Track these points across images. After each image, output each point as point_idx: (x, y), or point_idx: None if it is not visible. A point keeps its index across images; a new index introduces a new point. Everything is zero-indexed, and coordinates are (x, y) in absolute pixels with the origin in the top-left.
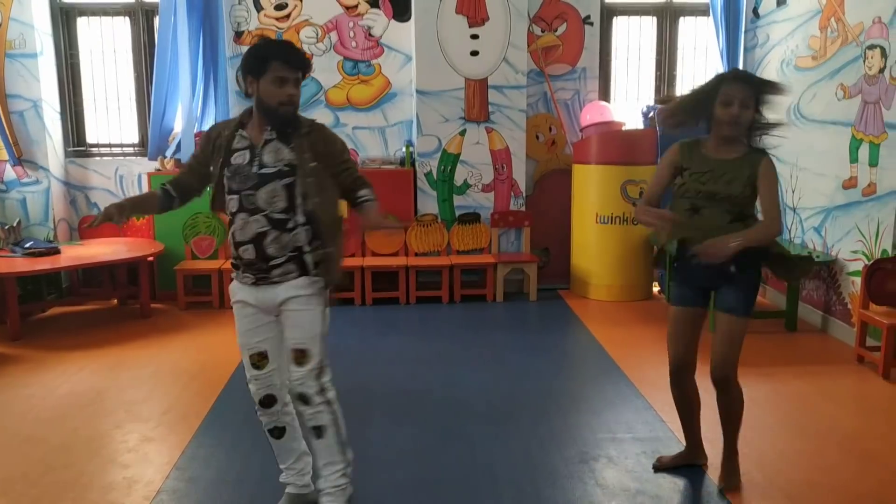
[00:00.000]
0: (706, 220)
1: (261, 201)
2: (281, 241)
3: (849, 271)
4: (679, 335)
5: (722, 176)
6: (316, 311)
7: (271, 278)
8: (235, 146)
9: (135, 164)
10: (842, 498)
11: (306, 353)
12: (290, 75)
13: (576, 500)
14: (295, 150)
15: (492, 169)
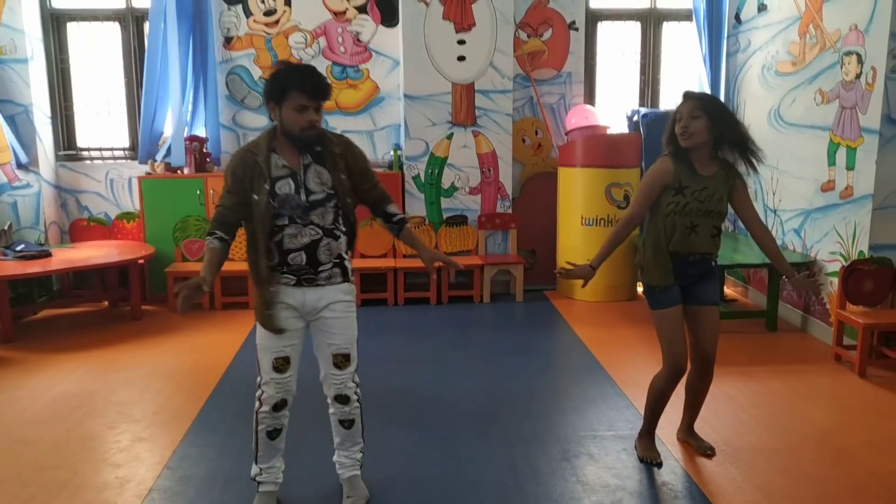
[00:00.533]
0: (700, 237)
1: (314, 218)
2: (331, 248)
3: (827, 272)
4: (680, 334)
5: (714, 193)
6: (353, 316)
7: (318, 280)
8: (276, 174)
9: (125, 167)
10: (816, 494)
11: (349, 357)
12: (311, 103)
13: (557, 496)
14: (331, 171)
15: (479, 172)
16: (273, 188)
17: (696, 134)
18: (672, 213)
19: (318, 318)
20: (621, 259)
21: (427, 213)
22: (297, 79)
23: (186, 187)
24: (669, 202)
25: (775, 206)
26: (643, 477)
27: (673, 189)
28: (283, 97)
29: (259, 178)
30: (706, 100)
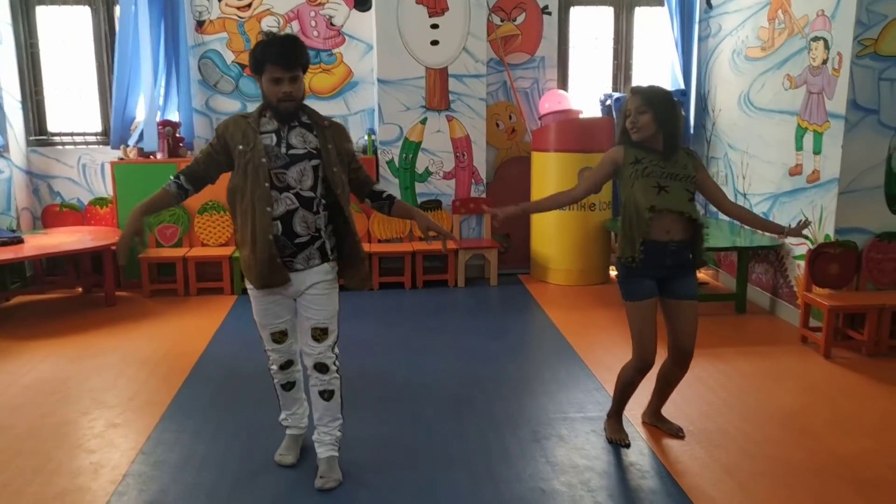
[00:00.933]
0: (674, 196)
1: (291, 179)
2: (307, 221)
3: (795, 255)
4: (651, 328)
5: (675, 162)
6: (334, 293)
7: (295, 263)
8: (262, 129)
9: (98, 152)
10: (778, 470)
11: (326, 331)
12: (285, 74)
13: (526, 477)
14: (319, 138)
15: (453, 157)
16: (258, 140)
17: (643, 128)
18: (634, 179)
19: (300, 300)
20: (594, 243)
21: (401, 198)
22: (270, 51)
23: (160, 172)
24: (630, 173)
25: (745, 189)
26: (611, 458)
27: (630, 163)
28: (261, 69)
29: (249, 132)
30: (651, 94)
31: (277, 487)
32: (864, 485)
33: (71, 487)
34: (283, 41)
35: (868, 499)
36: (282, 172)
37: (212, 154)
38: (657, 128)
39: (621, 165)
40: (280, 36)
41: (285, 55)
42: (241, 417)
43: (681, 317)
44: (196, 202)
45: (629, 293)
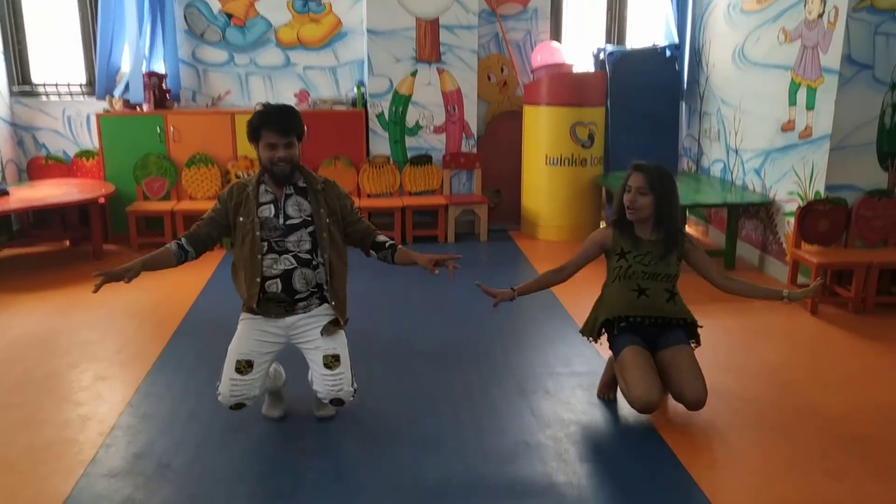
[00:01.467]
0: (652, 301)
1: (289, 244)
2: (307, 278)
3: (785, 212)
4: (646, 368)
5: (661, 258)
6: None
7: (295, 310)
8: (261, 200)
9: (83, 104)
10: (762, 425)
11: (339, 358)
12: (280, 140)
13: (512, 429)
14: (312, 204)
15: (443, 110)
16: (257, 212)
17: (641, 209)
18: (617, 277)
19: (299, 333)
20: (584, 198)
21: (391, 153)
22: (265, 119)
23: (146, 124)
24: (615, 267)
25: (737, 146)
26: (597, 412)
27: (616, 254)
28: (257, 136)
29: (248, 203)
30: (656, 176)
31: (266, 439)
32: (847, 440)
33: (59, 439)
34: (279, 110)
35: (851, 454)
36: (280, 240)
37: (214, 218)
38: (653, 212)
39: (608, 250)
40: (276, 105)
41: (280, 122)
42: None
43: (678, 363)
44: (184, 154)
45: (619, 342)
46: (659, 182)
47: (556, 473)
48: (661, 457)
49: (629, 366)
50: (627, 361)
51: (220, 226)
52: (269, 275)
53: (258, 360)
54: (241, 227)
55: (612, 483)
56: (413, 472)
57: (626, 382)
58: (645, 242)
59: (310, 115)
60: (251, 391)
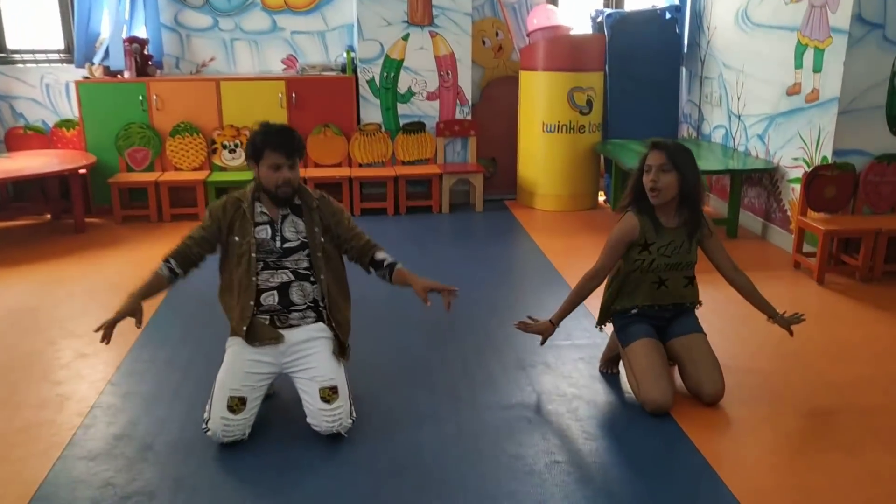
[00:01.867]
0: (671, 290)
1: (287, 263)
2: (304, 290)
3: (789, 178)
4: (660, 367)
5: (681, 245)
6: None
7: (289, 321)
8: (257, 220)
9: (61, 71)
10: (771, 398)
11: (336, 390)
12: (285, 161)
13: (512, 404)
14: (306, 223)
15: (437, 76)
16: (253, 232)
17: (665, 189)
18: (637, 269)
19: (293, 361)
20: (582, 167)
21: (383, 120)
22: (270, 139)
23: (128, 92)
24: (636, 259)
25: (739, 111)
26: (600, 386)
27: (639, 246)
28: (259, 156)
29: (243, 221)
30: (676, 151)
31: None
32: (860, 413)
33: (36, 420)
34: (282, 130)
35: (865, 427)
36: (277, 261)
37: (206, 238)
38: (677, 193)
39: (633, 242)
40: (277, 125)
41: (287, 143)
42: (216, 346)
43: (694, 353)
44: (168, 123)
45: (629, 334)
46: (681, 157)
47: (559, 451)
48: (669, 433)
49: (642, 364)
50: (640, 358)
51: (212, 245)
52: (266, 287)
53: (251, 396)
54: (235, 247)
55: (618, 461)
56: (410, 451)
57: (638, 382)
58: (667, 231)
59: (298, 82)
60: (245, 429)
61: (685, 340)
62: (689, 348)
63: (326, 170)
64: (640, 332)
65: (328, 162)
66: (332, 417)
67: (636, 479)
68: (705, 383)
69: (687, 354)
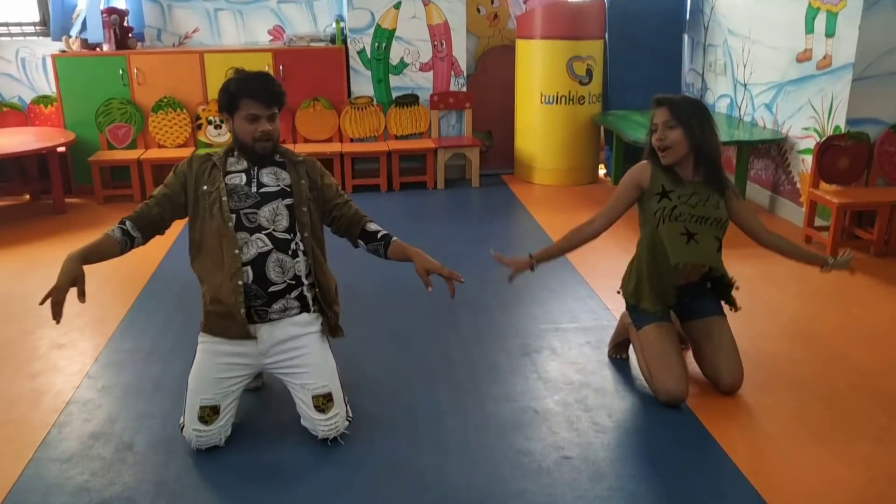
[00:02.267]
0: (703, 248)
1: (263, 219)
2: (283, 265)
3: (799, 149)
4: (674, 355)
5: (707, 199)
6: (324, 349)
7: (269, 315)
8: (230, 168)
9: (37, 44)
10: (787, 382)
11: (331, 396)
12: (263, 111)
13: (517, 394)
14: (291, 175)
15: (430, 46)
16: (224, 179)
17: (674, 147)
18: (660, 219)
19: (277, 363)
20: (582, 139)
21: (374, 93)
22: (247, 86)
23: (107, 66)
24: (656, 209)
25: (745, 79)
26: (609, 373)
27: (657, 194)
28: (233, 107)
29: (213, 171)
30: (682, 105)
31: (242, 414)
32: (889, 399)
33: (7, 418)
34: (260, 75)
35: (887, 410)
36: (252, 212)
37: (168, 195)
38: (689, 149)
39: (646, 191)
40: (256, 72)
41: (265, 90)
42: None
43: (714, 337)
44: (150, 98)
45: (642, 317)
46: (687, 112)
47: (568, 445)
48: (684, 423)
49: (654, 351)
50: (652, 344)
51: (175, 205)
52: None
53: (224, 403)
54: (204, 197)
55: (631, 455)
56: (409, 448)
57: (651, 370)
58: (687, 183)
59: (285, 54)
60: (221, 436)
61: (705, 324)
62: (709, 332)
63: (316, 145)
64: (656, 314)
65: (318, 137)
66: (327, 426)
67: (652, 475)
68: (724, 371)
69: (706, 338)
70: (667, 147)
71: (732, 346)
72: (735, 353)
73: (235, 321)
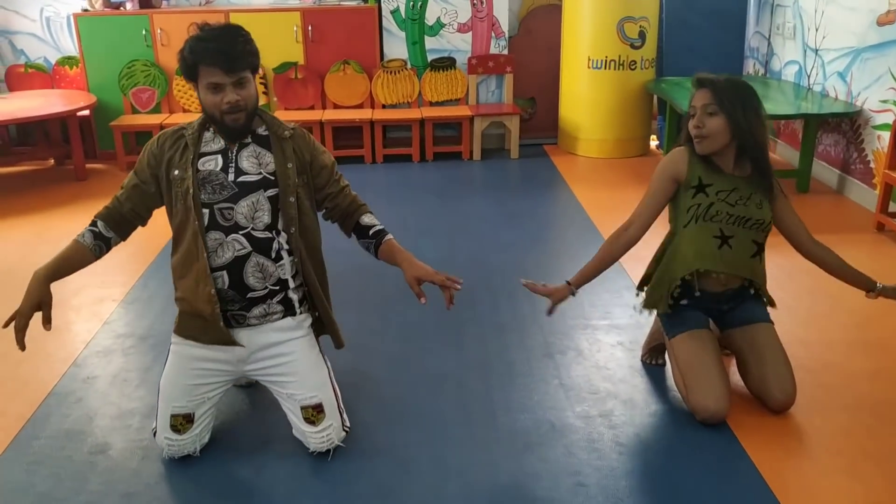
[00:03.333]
0: (736, 254)
1: (240, 216)
2: (264, 270)
3: (875, 124)
4: (714, 368)
5: (749, 197)
6: (311, 353)
7: (248, 320)
8: (204, 149)
9: (61, 3)
10: (843, 400)
11: (321, 407)
12: (226, 79)
13: (533, 404)
14: (276, 156)
15: (469, 5)
16: (196, 164)
17: (713, 136)
18: (693, 218)
19: (259, 368)
20: (633, 108)
21: (409, 56)
22: (202, 49)
23: (130, 26)
24: (690, 206)
25: (817, 44)
26: (641, 381)
27: (692, 188)
28: (193, 74)
29: (185, 152)
30: (727, 87)
31: (231, 406)
32: None
33: None
34: (220, 34)
35: None
36: (228, 208)
37: (137, 185)
38: (731, 139)
39: (682, 183)
40: (217, 28)
41: (224, 52)
42: None
43: (762, 352)
44: (173, 60)
45: (676, 324)
46: (732, 97)
47: (586, 469)
48: (723, 448)
49: (691, 363)
50: (688, 355)
51: (147, 196)
52: (212, 264)
53: (199, 411)
54: (176, 184)
55: (659, 487)
56: (403, 468)
57: (687, 385)
58: (728, 177)
59: (315, 13)
60: (194, 446)
61: (749, 332)
62: (753, 341)
63: (346, 112)
64: (691, 321)
65: (348, 103)
66: (318, 439)
67: None
68: (773, 387)
69: (751, 349)
70: (704, 136)
71: (782, 357)
72: (786, 364)
73: (212, 327)
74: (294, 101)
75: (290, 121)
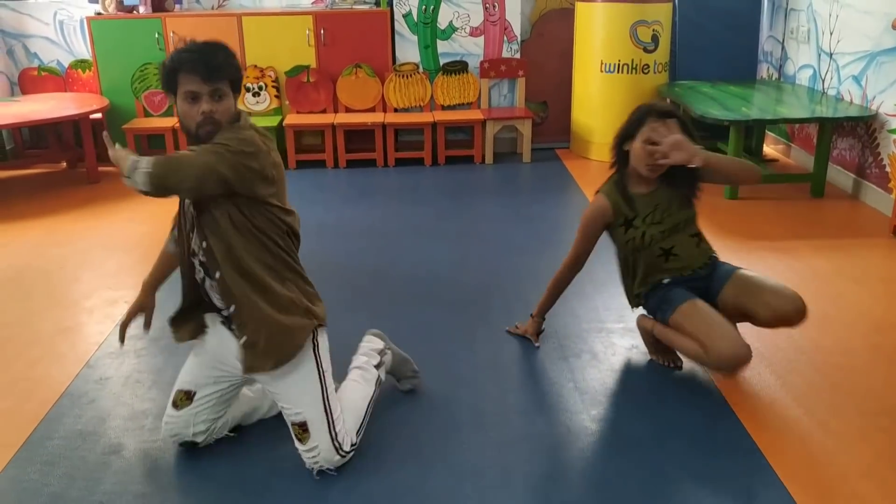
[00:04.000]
0: (682, 255)
1: (193, 242)
2: (217, 290)
3: (890, 128)
4: (719, 317)
5: (670, 204)
6: (306, 365)
7: (233, 332)
8: None
9: (74, 6)
10: (864, 403)
11: (306, 426)
12: (203, 89)
13: (548, 407)
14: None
15: (481, 9)
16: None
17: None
18: (632, 250)
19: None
20: None
21: (421, 59)
22: (183, 58)
23: (143, 29)
24: (625, 240)
25: (832, 48)
26: (656, 384)
27: (621, 226)
28: (173, 84)
29: None
30: (680, 118)
31: None
32: None
33: None
34: (202, 46)
35: None
36: (189, 235)
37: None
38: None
39: (612, 224)
40: (201, 42)
41: (204, 62)
42: None
43: (752, 284)
44: None
45: (672, 298)
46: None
47: (600, 478)
48: (741, 451)
49: (699, 322)
50: (693, 317)
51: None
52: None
53: (201, 393)
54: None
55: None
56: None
57: (704, 341)
58: (644, 197)
59: (327, 17)
60: (186, 429)
61: (732, 282)
62: (742, 284)
63: (358, 115)
64: (680, 296)
65: (360, 106)
66: (307, 458)
67: None
68: (781, 298)
69: (743, 290)
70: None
71: (773, 279)
72: (782, 284)
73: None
74: (306, 104)
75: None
